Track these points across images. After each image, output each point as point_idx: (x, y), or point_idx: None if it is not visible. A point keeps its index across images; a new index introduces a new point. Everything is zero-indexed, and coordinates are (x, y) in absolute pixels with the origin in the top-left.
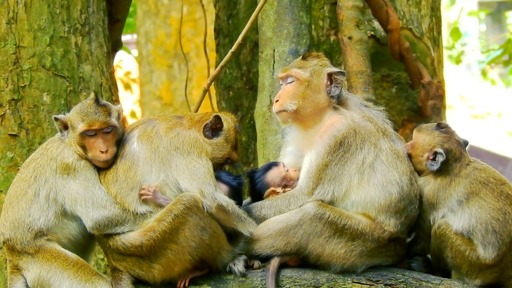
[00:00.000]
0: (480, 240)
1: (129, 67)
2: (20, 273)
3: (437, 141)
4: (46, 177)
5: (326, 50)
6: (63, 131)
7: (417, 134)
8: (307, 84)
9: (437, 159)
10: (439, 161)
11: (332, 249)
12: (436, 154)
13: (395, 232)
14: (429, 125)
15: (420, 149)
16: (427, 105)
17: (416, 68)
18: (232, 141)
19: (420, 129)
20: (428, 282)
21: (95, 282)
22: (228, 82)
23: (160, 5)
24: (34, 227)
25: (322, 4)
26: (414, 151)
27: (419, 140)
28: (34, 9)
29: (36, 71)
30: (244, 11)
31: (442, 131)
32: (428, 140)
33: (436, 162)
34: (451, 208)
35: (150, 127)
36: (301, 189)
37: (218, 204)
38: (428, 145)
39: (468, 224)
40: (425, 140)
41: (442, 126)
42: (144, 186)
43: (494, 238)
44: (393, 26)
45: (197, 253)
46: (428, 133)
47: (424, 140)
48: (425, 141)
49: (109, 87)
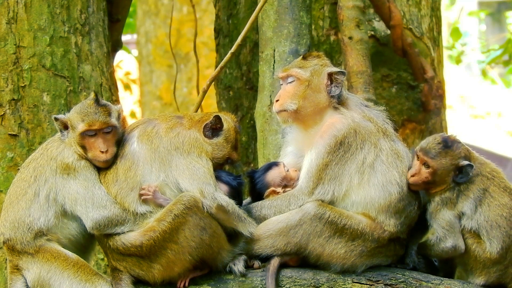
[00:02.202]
0: (486, 235)
1: (129, 67)
2: (20, 273)
3: (458, 157)
4: (46, 177)
5: (326, 50)
6: (63, 131)
7: (433, 162)
8: (308, 84)
9: (465, 172)
10: (469, 172)
11: (332, 249)
12: (462, 168)
13: (395, 232)
14: (436, 147)
15: (444, 172)
16: (431, 99)
17: (419, 63)
18: (232, 141)
19: (433, 157)
20: (428, 282)
21: (95, 282)
22: (228, 82)
23: (160, 5)
24: (34, 227)
25: (322, 4)
26: (437, 177)
27: (439, 166)
28: (34, 9)
29: (36, 71)
30: (244, 11)
31: (453, 147)
32: (449, 161)
33: (466, 174)
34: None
35: (150, 127)
36: (301, 189)
37: (218, 204)
38: (451, 164)
39: (477, 221)
40: (445, 163)
41: (449, 142)
42: (144, 186)
43: (499, 233)
44: (395, 22)
45: (197, 253)
46: (445, 156)
47: (445, 164)
48: (447, 164)
49: (109, 87)
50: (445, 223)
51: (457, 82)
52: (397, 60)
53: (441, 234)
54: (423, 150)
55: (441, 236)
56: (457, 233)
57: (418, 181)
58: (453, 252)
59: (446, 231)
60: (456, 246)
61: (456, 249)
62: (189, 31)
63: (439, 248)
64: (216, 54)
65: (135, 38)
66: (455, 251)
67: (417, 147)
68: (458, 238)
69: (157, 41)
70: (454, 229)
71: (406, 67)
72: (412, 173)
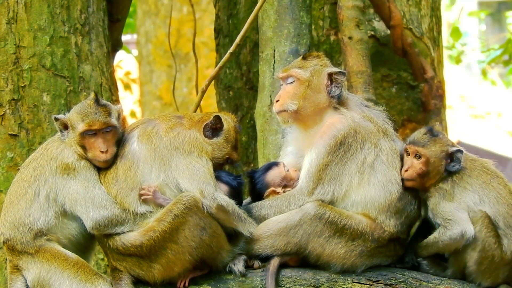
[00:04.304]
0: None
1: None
2: (20, 273)
3: (446, 144)
4: (46, 177)
5: (326, 50)
6: (63, 131)
7: (424, 151)
8: (308, 84)
9: (456, 159)
10: (460, 158)
11: (332, 249)
12: (453, 155)
13: (395, 232)
14: (423, 137)
15: (437, 160)
16: (431, 99)
17: (419, 63)
18: (232, 141)
19: (423, 145)
20: (428, 282)
21: (95, 282)
22: (228, 82)
23: (160, 5)
24: (34, 227)
25: (322, 4)
26: (430, 166)
27: (430, 154)
28: (34, 9)
29: (36, 71)
30: (244, 11)
31: (439, 135)
32: (439, 149)
33: (458, 161)
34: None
35: (150, 127)
36: (301, 189)
37: (218, 204)
38: (442, 151)
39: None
40: (436, 150)
41: (434, 131)
42: (144, 186)
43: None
44: (395, 22)
45: (197, 253)
46: (433, 143)
47: (436, 151)
48: (437, 151)
49: (109, 87)
50: (447, 214)
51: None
52: (397, 60)
53: (445, 223)
54: (412, 142)
55: (445, 225)
56: (463, 220)
57: (413, 174)
58: (461, 238)
59: (449, 221)
60: (463, 231)
61: (464, 234)
62: (189, 31)
63: (446, 238)
64: (216, 54)
65: (135, 38)
66: (463, 237)
67: (404, 146)
68: (465, 224)
69: (157, 41)
70: (458, 217)
71: (406, 67)
72: (405, 168)
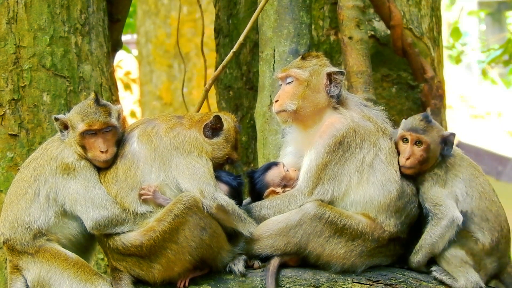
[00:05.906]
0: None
1: (129, 67)
2: (20, 273)
3: (439, 129)
4: (46, 177)
5: (326, 50)
6: (63, 131)
7: (426, 138)
8: (307, 84)
9: (449, 142)
10: (453, 141)
11: (332, 249)
12: (447, 139)
13: (395, 232)
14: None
15: (435, 146)
16: (431, 99)
17: (419, 63)
18: (232, 141)
19: (423, 132)
20: (428, 282)
21: (95, 282)
22: (228, 82)
23: (160, 5)
24: (33, 227)
25: (322, 4)
26: (430, 152)
27: (431, 140)
28: (34, 9)
29: (36, 71)
30: (244, 11)
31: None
32: (436, 134)
33: (451, 144)
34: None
35: (150, 127)
36: (301, 189)
37: (218, 204)
38: (438, 137)
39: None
40: (434, 136)
41: (429, 118)
42: (144, 186)
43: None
44: (395, 22)
45: (197, 253)
46: (432, 129)
47: (434, 137)
48: (435, 136)
49: (109, 87)
50: (438, 199)
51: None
52: (397, 60)
53: (435, 210)
54: (412, 129)
55: (435, 212)
56: (453, 206)
57: (415, 162)
58: (452, 224)
59: (439, 206)
60: (454, 217)
61: (454, 220)
62: (189, 31)
63: (440, 228)
64: (216, 54)
65: (135, 38)
66: (453, 222)
67: (399, 132)
68: (454, 210)
69: (157, 41)
70: (448, 203)
71: (406, 67)
72: (406, 157)
